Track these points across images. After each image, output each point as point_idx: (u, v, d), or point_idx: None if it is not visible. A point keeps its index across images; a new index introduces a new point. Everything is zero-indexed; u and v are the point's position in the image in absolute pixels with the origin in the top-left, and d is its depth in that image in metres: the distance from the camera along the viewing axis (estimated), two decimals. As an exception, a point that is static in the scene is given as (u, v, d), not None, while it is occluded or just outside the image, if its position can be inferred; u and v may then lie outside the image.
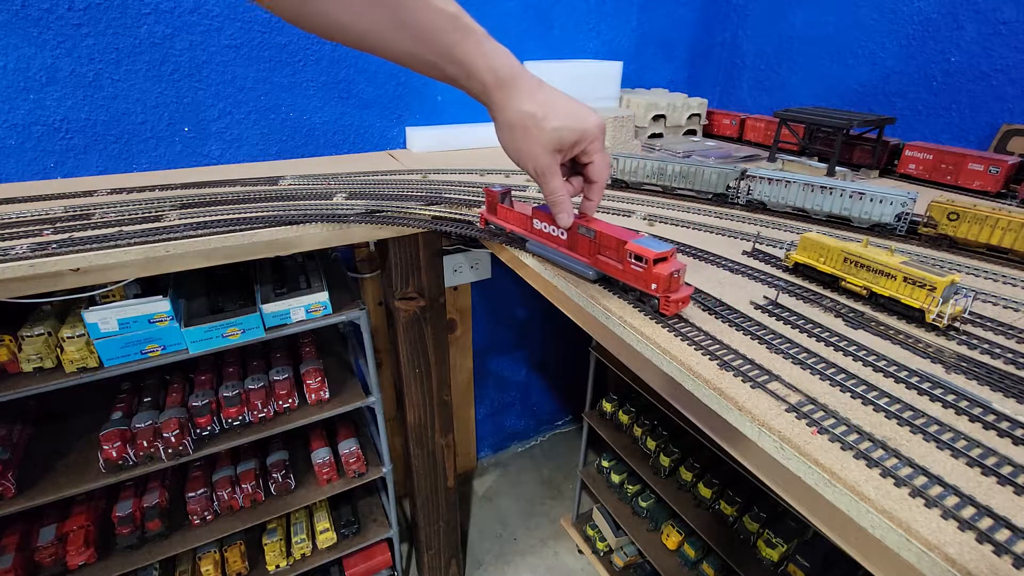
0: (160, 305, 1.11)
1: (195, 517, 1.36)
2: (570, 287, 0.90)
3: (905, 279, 0.77)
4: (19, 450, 1.20)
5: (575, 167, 0.81)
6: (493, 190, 1.00)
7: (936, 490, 0.50)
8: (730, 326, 0.77)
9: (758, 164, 1.59)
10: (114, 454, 1.16)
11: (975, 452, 0.54)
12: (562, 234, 0.89)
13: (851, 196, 1.09)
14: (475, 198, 1.25)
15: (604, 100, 1.82)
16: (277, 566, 1.52)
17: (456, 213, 1.18)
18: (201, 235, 1.01)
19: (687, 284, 0.82)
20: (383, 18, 0.60)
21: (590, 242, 0.85)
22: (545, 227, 0.92)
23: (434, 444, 1.66)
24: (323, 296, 1.29)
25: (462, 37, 0.64)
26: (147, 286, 1.17)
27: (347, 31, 0.61)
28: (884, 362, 0.69)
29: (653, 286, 0.76)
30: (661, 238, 0.87)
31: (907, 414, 0.60)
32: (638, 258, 0.77)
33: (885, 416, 0.60)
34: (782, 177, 1.18)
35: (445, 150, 1.73)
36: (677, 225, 1.15)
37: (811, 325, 0.77)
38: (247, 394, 1.33)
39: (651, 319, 0.78)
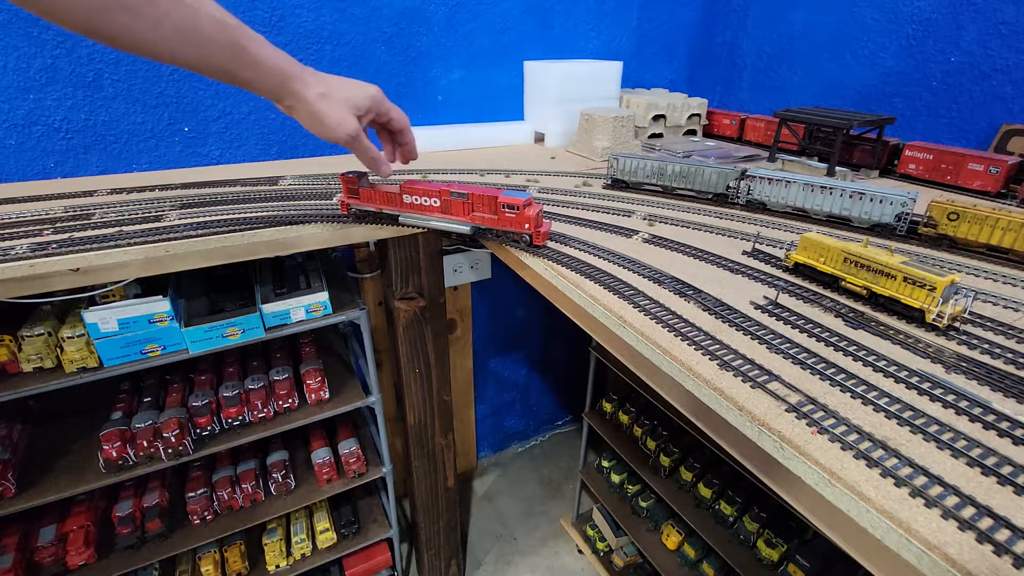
0: (160, 305, 1.11)
1: (195, 517, 1.36)
2: (570, 287, 0.90)
3: (905, 279, 0.77)
4: (19, 450, 1.20)
5: (380, 129, 0.94)
6: (350, 175, 1.05)
7: (936, 490, 0.50)
8: (730, 326, 0.77)
9: (758, 164, 1.59)
10: (114, 454, 1.16)
11: (975, 452, 0.54)
12: (435, 203, 1.02)
13: (851, 196, 1.09)
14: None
15: (604, 100, 1.82)
16: (277, 566, 1.52)
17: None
18: (201, 235, 1.01)
19: (547, 220, 1.06)
20: (174, 31, 0.65)
21: (463, 203, 1.00)
22: (416, 199, 1.03)
23: (434, 444, 1.66)
24: (323, 296, 1.29)
25: (248, 43, 0.72)
26: (147, 286, 1.17)
27: (144, 44, 0.65)
28: (884, 362, 0.69)
29: (526, 225, 0.97)
30: (520, 188, 1.12)
31: (907, 414, 0.60)
32: (510, 207, 0.97)
33: (885, 416, 0.60)
34: (782, 177, 1.18)
35: (445, 150, 1.73)
36: (677, 225, 1.15)
37: (811, 325, 0.77)
38: (247, 394, 1.33)
39: (650, 319, 0.78)
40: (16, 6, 1.19)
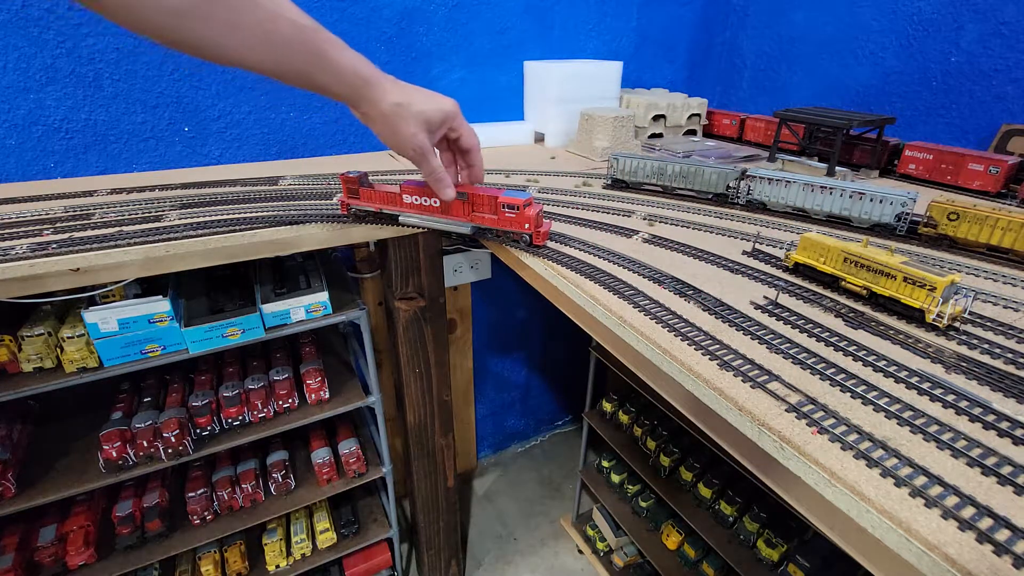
0: (160, 305, 1.11)
1: (195, 517, 1.36)
2: (570, 287, 0.90)
3: (905, 279, 0.77)
4: (19, 450, 1.20)
5: (449, 146, 0.93)
6: (350, 175, 1.05)
7: (936, 490, 0.50)
8: (730, 326, 0.77)
9: (758, 164, 1.59)
10: (114, 454, 1.16)
11: (975, 452, 0.54)
12: (435, 203, 1.01)
13: (851, 196, 1.09)
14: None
15: (604, 100, 1.82)
16: (277, 566, 1.52)
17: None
18: (201, 235, 1.01)
19: (547, 220, 1.07)
20: (251, 36, 0.65)
21: (463, 204, 1.00)
22: (416, 199, 1.03)
23: (434, 444, 1.66)
24: (323, 296, 1.29)
25: (328, 47, 0.71)
26: (147, 286, 1.17)
27: (220, 49, 0.64)
28: (884, 362, 0.69)
29: (526, 225, 0.98)
30: (520, 188, 1.12)
31: (907, 414, 0.60)
32: (510, 207, 0.97)
33: (885, 416, 0.60)
34: (782, 177, 1.18)
35: (445, 150, 1.73)
36: (677, 225, 1.15)
37: (811, 325, 0.77)
38: (247, 394, 1.33)
39: (650, 319, 0.78)
40: (17, 5, 1.19)
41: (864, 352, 0.71)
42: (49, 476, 1.17)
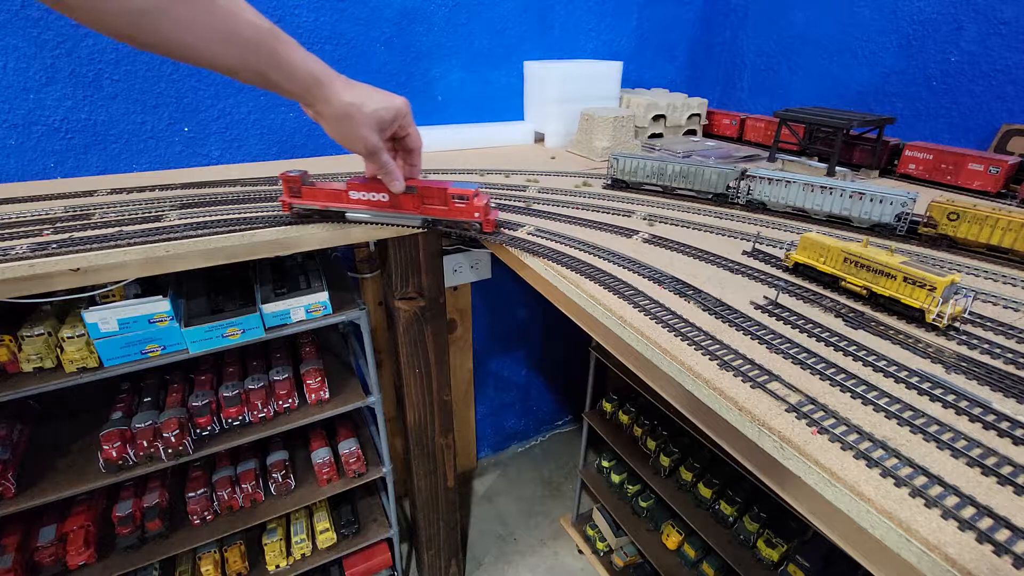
0: (160, 305, 1.11)
1: (195, 517, 1.36)
2: (570, 287, 0.90)
3: (905, 279, 0.77)
4: (19, 450, 1.20)
5: (395, 143, 0.96)
6: (291, 174, 1.04)
7: (936, 490, 0.50)
8: (730, 326, 0.77)
9: (758, 164, 1.59)
10: (114, 454, 1.16)
11: (975, 452, 0.54)
12: (383, 197, 1.03)
13: (851, 196, 1.09)
14: (475, 198, 1.25)
15: (604, 100, 1.82)
16: (277, 566, 1.52)
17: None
18: (201, 235, 1.01)
19: (495, 208, 1.11)
20: (211, 35, 0.67)
21: (413, 198, 1.02)
22: (364, 195, 1.04)
23: (434, 444, 1.66)
24: (323, 296, 1.29)
25: (282, 47, 0.74)
26: (147, 286, 1.17)
27: (181, 48, 0.66)
28: (884, 362, 0.69)
29: (476, 214, 1.02)
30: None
31: (907, 414, 0.60)
32: (460, 197, 1.01)
33: (885, 416, 0.60)
34: (782, 177, 1.18)
35: (445, 150, 1.73)
36: (677, 225, 1.15)
37: (811, 325, 0.77)
38: (247, 394, 1.33)
39: (650, 319, 0.78)
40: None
41: (864, 352, 0.71)
42: (49, 476, 1.17)
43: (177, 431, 1.21)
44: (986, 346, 0.72)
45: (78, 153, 1.38)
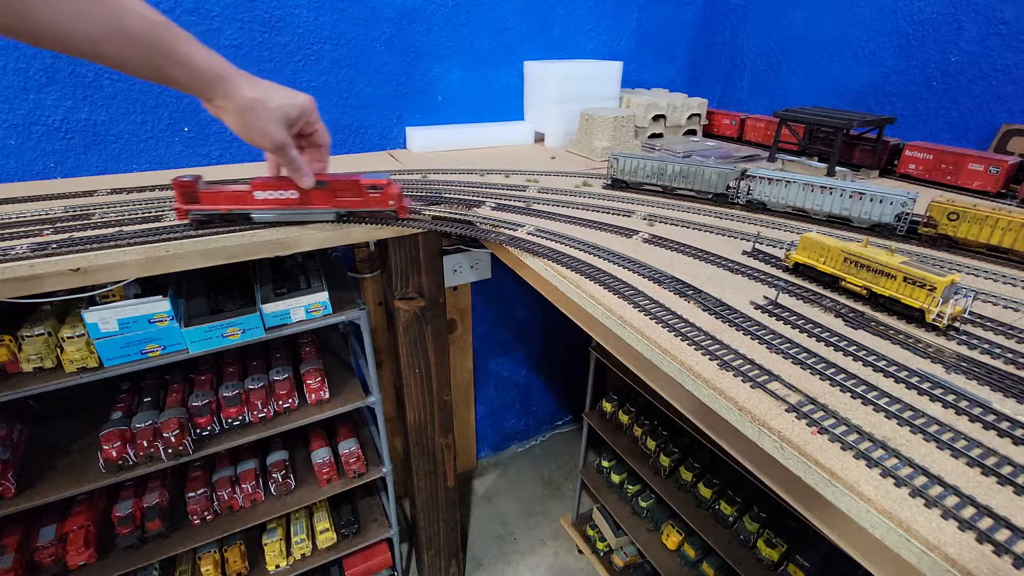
0: (160, 305, 1.11)
1: (195, 517, 1.36)
2: (570, 287, 0.90)
3: (905, 279, 0.77)
4: (19, 450, 1.20)
5: (301, 140, 0.95)
6: (184, 179, 1.00)
7: (936, 490, 0.50)
8: (730, 326, 0.77)
9: (758, 164, 1.59)
10: (114, 454, 1.16)
11: (975, 452, 0.54)
12: (293, 195, 1.02)
13: (851, 196, 1.09)
14: (476, 198, 1.25)
15: (604, 100, 1.82)
16: (277, 566, 1.52)
17: (456, 213, 1.18)
18: (201, 235, 1.01)
19: (406, 196, 1.15)
20: (97, 27, 0.65)
21: (324, 192, 1.03)
22: (271, 194, 1.02)
23: (434, 444, 1.66)
24: (323, 296, 1.29)
25: (178, 42, 0.73)
26: (147, 286, 1.17)
27: (64, 39, 0.64)
28: (884, 362, 0.69)
29: (391, 202, 1.06)
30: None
31: (907, 414, 0.60)
32: (374, 188, 1.04)
33: (885, 416, 0.60)
34: (782, 177, 1.18)
35: (445, 150, 1.73)
36: (677, 225, 1.15)
37: (811, 325, 0.77)
38: (247, 394, 1.33)
39: (650, 319, 0.78)
40: None
41: (864, 352, 0.71)
42: (49, 476, 1.17)
43: (177, 431, 1.21)
44: (986, 346, 0.72)
45: (78, 153, 1.38)
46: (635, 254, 0.99)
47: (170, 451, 1.21)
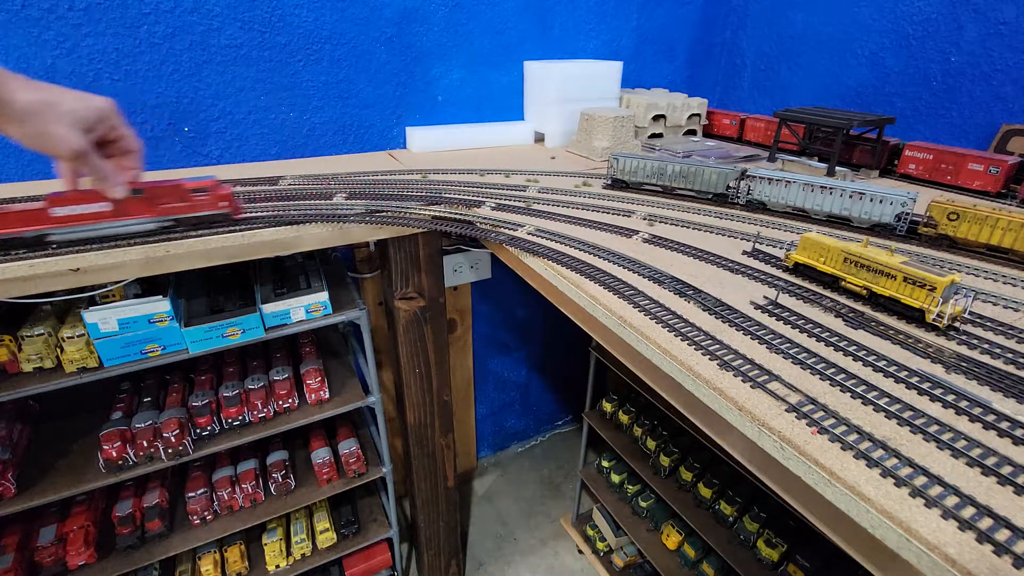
0: (160, 305, 1.11)
1: (195, 517, 1.36)
2: (570, 287, 0.90)
3: (905, 279, 0.77)
4: (19, 450, 1.20)
5: (107, 147, 0.86)
6: None
7: (936, 490, 0.50)
8: (730, 326, 0.77)
9: (758, 164, 1.59)
10: (114, 454, 1.16)
11: (975, 452, 0.54)
12: (106, 207, 0.92)
13: (851, 196, 1.09)
14: (476, 198, 1.25)
15: (604, 100, 1.82)
16: (277, 566, 1.52)
17: (456, 213, 1.18)
18: (201, 235, 1.01)
19: (236, 197, 1.07)
20: None
21: (141, 201, 0.95)
22: (75, 209, 0.92)
23: (434, 444, 1.66)
24: (323, 296, 1.29)
25: None
26: (147, 286, 1.17)
27: None
28: (884, 362, 0.69)
29: (223, 204, 1.01)
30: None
31: (907, 414, 0.60)
32: (200, 191, 0.98)
33: (885, 416, 0.60)
34: (782, 177, 1.18)
35: (445, 150, 1.73)
36: (677, 225, 1.15)
37: (811, 325, 0.77)
38: (247, 394, 1.33)
39: (650, 319, 0.78)
40: (17, 5, 1.19)
41: (864, 352, 0.71)
42: (49, 476, 1.17)
43: (177, 431, 1.21)
44: (986, 346, 0.72)
45: (78, 153, 1.38)
46: (635, 254, 0.99)
47: (170, 451, 1.21)
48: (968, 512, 0.48)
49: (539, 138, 1.89)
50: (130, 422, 1.23)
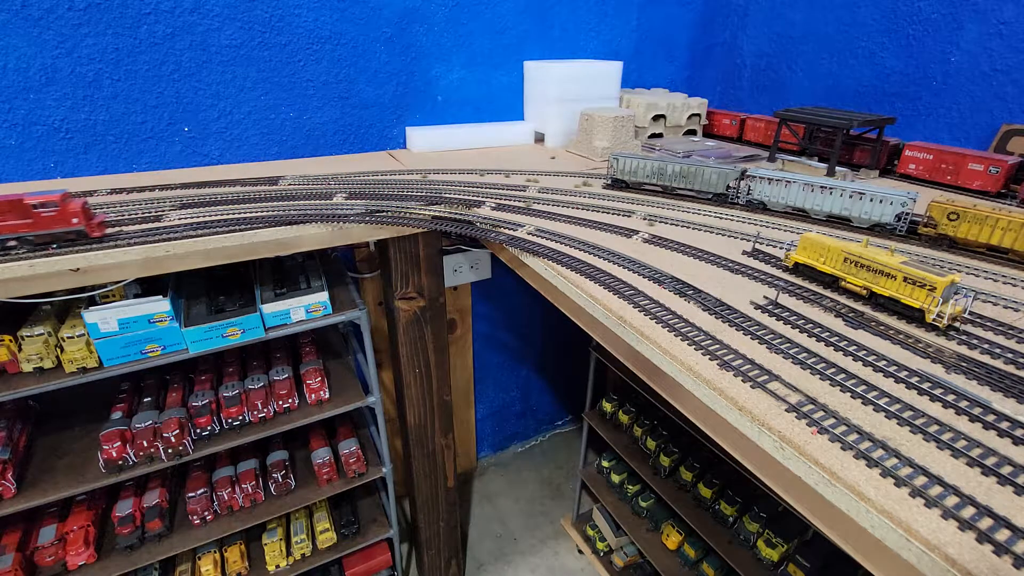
0: (160, 305, 1.11)
1: (195, 517, 1.36)
2: (570, 287, 0.90)
3: (905, 279, 0.77)
4: (19, 450, 1.20)
5: None
6: None
7: (936, 490, 0.50)
8: (730, 326, 0.77)
9: (758, 164, 1.59)
10: (114, 454, 1.16)
11: (975, 452, 0.54)
12: None
13: (851, 196, 1.09)
14: (476, 198, 1.25)
15: (604, 100, 1.82)
16: (277, 566, 1.52)
17: (456, 213, 1.18)
18: (201, 235, 1.01)
19: (100, 211, 0.99)
20: None
21: None
22: None
23: (434, 444, 1.66)
24: (323, 296, 1.29)
25: None
26: (147, 286, 1.17)
27: None
28: (884, 362, 0.69)
29: (75, 220, 0.91)
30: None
31: (907, 414, 0.60)
32: (44, 205, 0.90)
33: (885, 416, 0.60)
34: (782, 177, 1.18)
35: (445, 150, 1.73)
36: (677, 225, 1.15)
37: (811, 325, 0.77)
38: (247, 394, 1.33)
39: (650, 319, 0.78)
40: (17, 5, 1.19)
41: (864, 352, 0.71)
42: (49, 476, 1.17)
43: (177, 431, 1.21)
44: (986, 346, 0.72)
45: (78, 153, 1.38)
46: (635, 254, 0.99)
47: (170, 451, 1.21)
48: (968, 512, 0.48)
49: (539, 138, 1.89)
50: (130, 422, 1.23)
